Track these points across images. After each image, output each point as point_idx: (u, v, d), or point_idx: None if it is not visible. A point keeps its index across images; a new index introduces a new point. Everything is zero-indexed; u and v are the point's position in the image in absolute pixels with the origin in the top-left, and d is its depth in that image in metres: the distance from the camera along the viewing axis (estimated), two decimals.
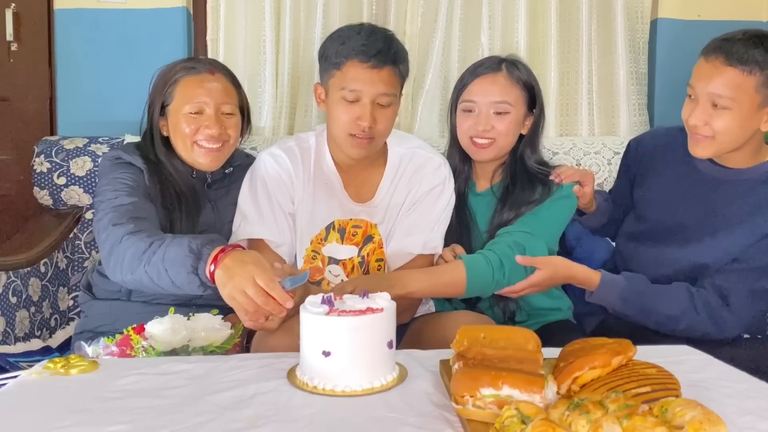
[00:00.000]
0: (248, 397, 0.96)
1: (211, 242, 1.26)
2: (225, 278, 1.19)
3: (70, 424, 0.88)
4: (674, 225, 1.58)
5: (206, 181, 1.63)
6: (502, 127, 1.61)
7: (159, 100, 1.59)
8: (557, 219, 1.61)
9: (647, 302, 1.48)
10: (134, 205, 1.44)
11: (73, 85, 2.22)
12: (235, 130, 1.61)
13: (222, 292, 1.20)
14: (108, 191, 1.48)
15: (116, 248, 1.34)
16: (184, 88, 1.56)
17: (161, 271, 1.27)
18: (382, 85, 1.47)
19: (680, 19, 2.26)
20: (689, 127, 1.49)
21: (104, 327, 1.51)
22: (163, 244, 1.28)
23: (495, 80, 1.63)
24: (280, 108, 2.27)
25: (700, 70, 1.47)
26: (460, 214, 1.66)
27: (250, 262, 1.18)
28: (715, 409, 0.77)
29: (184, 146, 1.57)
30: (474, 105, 1.63)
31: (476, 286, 1.44)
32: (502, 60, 1.66)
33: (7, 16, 2.22)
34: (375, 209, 1.59)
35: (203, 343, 1.24)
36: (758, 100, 1.40)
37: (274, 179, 1.57)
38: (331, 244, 1.56)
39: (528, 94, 1.64)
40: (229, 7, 2.26)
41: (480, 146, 1.63)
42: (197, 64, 1.60)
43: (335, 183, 1.59)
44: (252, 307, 1.17)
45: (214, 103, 1.56)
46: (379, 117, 1.49)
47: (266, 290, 1.15)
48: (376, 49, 1.45)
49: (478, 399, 0.86)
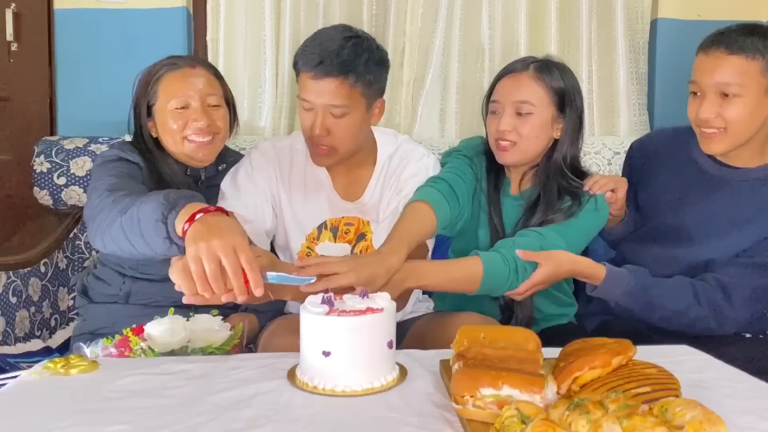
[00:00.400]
0: (248, 397, 0.96)
1: (190, 197, 1.17)
2: (202, 234, 1.05)
3: (70, 424, 0.88)
4: (678, 226, 1.58)
5: (200, 179, 1.62)
6: (525, 129, 1.55)
7: (144, 101, 1.58)
8: (585, 229, 1.55)
9: (652, 297, 1.47)
10: (128, 182, 1.40)
11: (73, 85, 2.22)
12: (224, 122, 1.59)
13: (189, 248, 1.05)
14: (102, 177, 1.43)
15: (104, 209, 1.28)
16: (167, 84, 1.55)
17: (134, 222, 1.18)
18: (327, 96, 1.42)
19: (680, 19, 2.26)
20: (700, 122, 1.48)
21: (103, 330, 1.51)
22: (145, 196, 1.21)
23: (518, 79, 1.57)
24: (280, 108, 2.27)
25: (701, 64, 1.47)
26: (491, 214, 1.61)
27: (236, 231, 1.08)
28: (715, 409, 0.77)
29: (175, 143, 1.56)
30: (497, 105, 1.59)
31: (490, 284, 1.39)
32: (533, 60, 1.60)
33: (7, 16, 2.22)
34: (365, 207, 1.59)
35: (202, 345, 1.24)
36: (765, 84, 1.42)
37: (258, 168, 1.57)
38: (324, 243, 1.56)
39: (557, 96, 1.57)
40: (229, 7, 2.26)
41: (502, 149, 1.57)
42: (178, 61, 1.59)
43: (325, 182, 1.60)
44: (214, 276, 1.03)
45: (198, 95, 1.55)
46: (332, 127, 1.45)
47: (243, 267, 1.04)
48: (320, 58, 1.40)
49: (478, 399, 0.86)
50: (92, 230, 1.32)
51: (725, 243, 1.51)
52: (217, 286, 1.04)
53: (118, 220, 1.22)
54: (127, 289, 1.58)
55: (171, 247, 1.14)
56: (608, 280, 1.45)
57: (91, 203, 1.37)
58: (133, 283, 1.58)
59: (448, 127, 2.29)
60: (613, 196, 1.58)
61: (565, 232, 1.49)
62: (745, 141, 1.48)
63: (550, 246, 1.44)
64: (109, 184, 1.37)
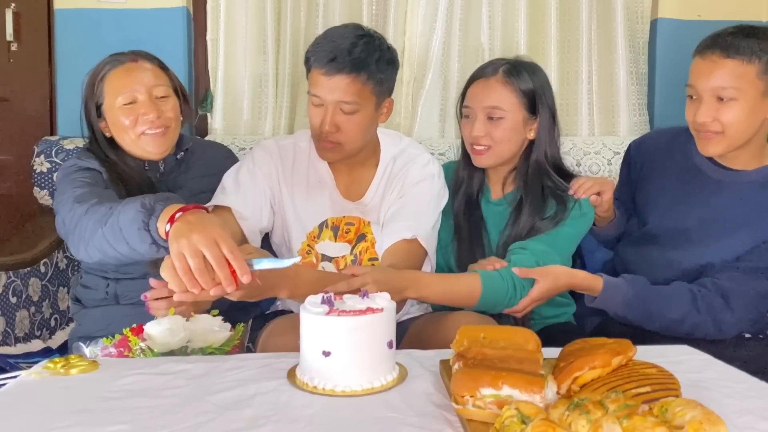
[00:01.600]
0: (248, 397, 0.96)
1: (165, 199, 1.19)
2: (183, 231, 1.07)
3: (70, 424, 0.88)
4: (677, 228, 1.58)
5: (159, 171, 1.62)
6: (498, 134, 1.58)
7: (92, 102, 1.57)
8: (573, 236, 1.58)
9: (651, 307, 1.47)
10: (94, 191, 1.41)
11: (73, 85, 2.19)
12: (174, 112, 1.58)
13: (171, 246, 1.07)
14: (67, 189, 1.43)
15: (81, 220, 1.30)
16: (112, 82, 1.55)
17: (116, 231, 1.21)
18: (338, 93, 1.44)
19: (680, 19, 2.26)
20: (697, 125, 1.48)
21: (99, 333, 1.50)
22: (120, 205, 1.24)
23: (488, 85, 1.60)
24: (281, 108, 2.27)
25: (697, 68, 1.47)
26: (472, 222, 1.64)
27: (216, 224, 1.09)
28: (715, 409, 0.77)
29: (130, 140, 1.55)
30: (470, 110, 1.62)
31: (489, 301, 1.41)
32: (502, 64, 1.62)
33: (7, 16, 2.22)
34: (366, 207, 1.59)
35: (202, 345, 1.23)
36: (761, 87, 1.42)
37: (260, 165, 1.57)
38: (324, 241, 1.56)
39: (527, 98, 1.59)
40: (229, 7, 2.26)
41: (477, 152, 1.61)
42: (119, 57, 1.58)
43: (328, 181, 1.60)
44: (198, 270, 1.04)
45: (144, 88, 1.54)
46: (342, 124, 1.47)
47: (227, 257, 1.05)
48: (333, 54, 1.42)
49: (478, 399, 0.86)
50: (73, 244, 1.34)
51: (724, 246, 1.51)
52: (203, 280, 1.04)
53: (99, 231, 1.24)
54: (113, 290, 1.59)
55: (159, 251, 1.17)
56: (606, 292, 1.46)
57: (62, 218, 1.39)
58: (116, 284, 1.60)
59: (447, 127, 2.29)
60: (599, 199, 1.58)
61: (554, 242, 1.52)
62: (742, 143, 1.48)
63: (545, 261, 1.46)
64: (75, 195, 1.38)
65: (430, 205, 1.56)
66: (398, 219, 1.52)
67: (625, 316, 1.48)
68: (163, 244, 1.14)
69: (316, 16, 2.24)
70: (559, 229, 1.54)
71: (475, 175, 1.69)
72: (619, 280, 1.48)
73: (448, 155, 2.05)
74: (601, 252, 1.85)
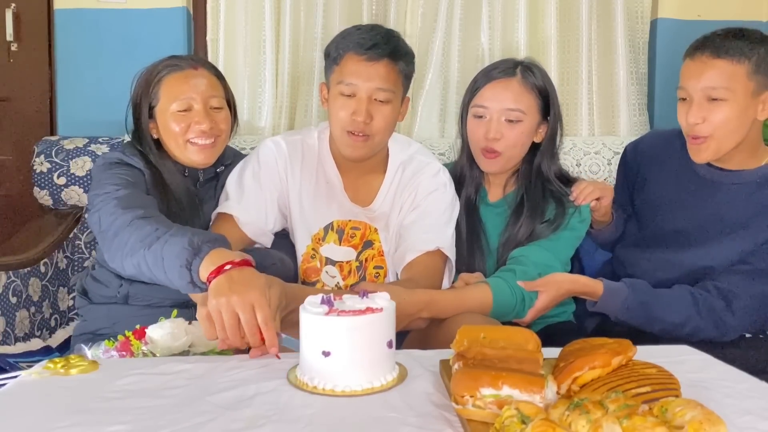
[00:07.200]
0: (248, 397, 0.96)
1: (214, 240, 1.20)
2: (223, 289, 1.10)
3: (70, 424, 0.88)
4: (676, 230, 1.58)
5: (198, 180, 1.61)
6: (513, 137, 1.56)
7: (145, 102, 1.56)
8: (572, 241, 1.59)
9: (652, 310, 1.47)
10: (138, 195, 1.41)
11: (73, 85, 2.22)
12: (226, 124, 1.58)
13: (210, 300, 1.11)
14: (108, 184, 1.43)
15: (123, 231, 1.29)
16: (169, 86, 1.54)
17: (158, 260, 1.22)
18: (378, 79, 1.45)
19: (680, 19, 2.26)
20: (688, 127, 1.49)
21: (104, 330, 1.50)
22: (168, 233, 1.23)
23: (508, 86, 1.57)
24: (280, 108, 2.27)
25: (688, 70, 1.48)
26: (470, 224, 1.63)
27: (257, 288, 1.11)
28: (715, 409, 0.77)
29: (177, 146, 1.55)
30: (485, 111, 1.59)
31: (498, 314, 1.42)
32: (517, 64, 1.60)
33: (7, 16, 2.22)
34: (375, 214, 1.58)
35: (204, 349, 1.23)
36: (751, 87, 1.42)
37: (266, 164, 1.57)
38: (329, 244, 1.56)
39: (542, 101, 1.59)
40: (229, 7, 2.26)
41: (489, 156, 1.59)
42: (179, 61, 1.57)
43: (336, 183, 1.59)
44: (231, 330, 1.09)
45: (201, 98, 1.53)
46: (375, 113, 1.47)
47: (261, 326, 1.08)
48: (373, 42, 1.44)
49: (478, 399, 0.86)
50: (109, 251, 1.33)
51: (724, 247, 1.50)
52: (234, 339, 1.10)
53: (140, 252, 1.25)
54: (125, 291, 1.57)
55: (194, 289, 1.19)
56: (606, 296, 1.46)
57: (99, 216, 1.37)
58: (130, 285, 1.57)
59: (448, 127, 2.29)
60: (598, 204, 1.58)
61: (554, 248, 1.52)
62: (734, 145, 1.48)
63: (546, 271, 1.47)
64: (118, 196, 1.37)
65: (445, 215, 1.56)
66: (417, 232, 1.52)
67: (626, 320, 1.48)
68: (201, 286, 1.17)
69: (316, 16, 2.24)
70: (560, 234, 1.54)
71: (475, 176, 1.68)
72: (619, 285, 1.48)
73: (448, 155, 2.05)
74: (600, 253, 1.85)
